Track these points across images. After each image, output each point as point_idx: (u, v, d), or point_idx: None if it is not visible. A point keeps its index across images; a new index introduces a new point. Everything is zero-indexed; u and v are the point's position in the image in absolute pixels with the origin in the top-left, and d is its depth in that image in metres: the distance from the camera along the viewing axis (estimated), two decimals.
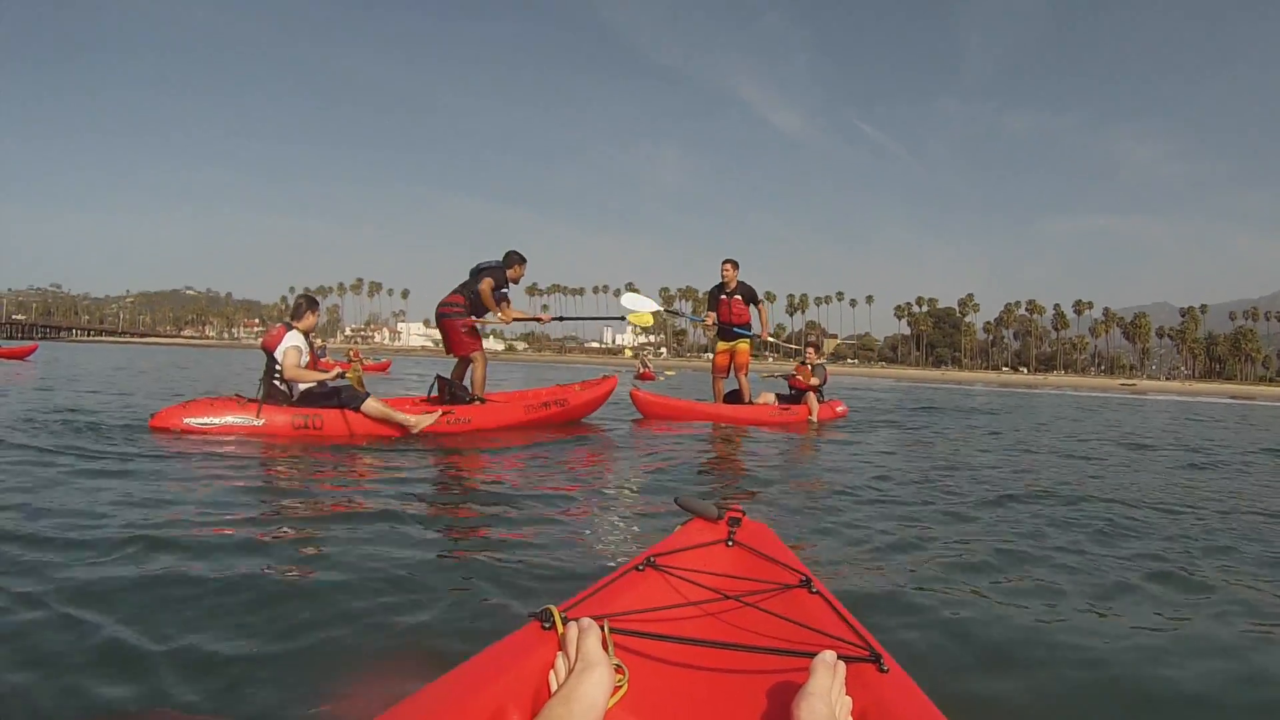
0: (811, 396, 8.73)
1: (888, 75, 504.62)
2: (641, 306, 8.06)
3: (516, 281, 7.13)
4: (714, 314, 8.54)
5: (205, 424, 5.57)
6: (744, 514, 1.83)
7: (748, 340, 8.56)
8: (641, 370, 26.53)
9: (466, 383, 6.79)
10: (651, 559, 1.55)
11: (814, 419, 8.58)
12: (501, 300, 6.99)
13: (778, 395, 9.06)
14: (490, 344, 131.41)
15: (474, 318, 6.90)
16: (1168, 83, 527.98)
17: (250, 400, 5.75)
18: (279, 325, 5.93)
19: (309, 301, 6.08)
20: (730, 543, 1.71)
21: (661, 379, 24.31)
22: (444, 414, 6.08)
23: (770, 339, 8.67)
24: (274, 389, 5.80)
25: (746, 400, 8.64)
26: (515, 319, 7.26)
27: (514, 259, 7.14)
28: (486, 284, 6.77)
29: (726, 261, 8.50)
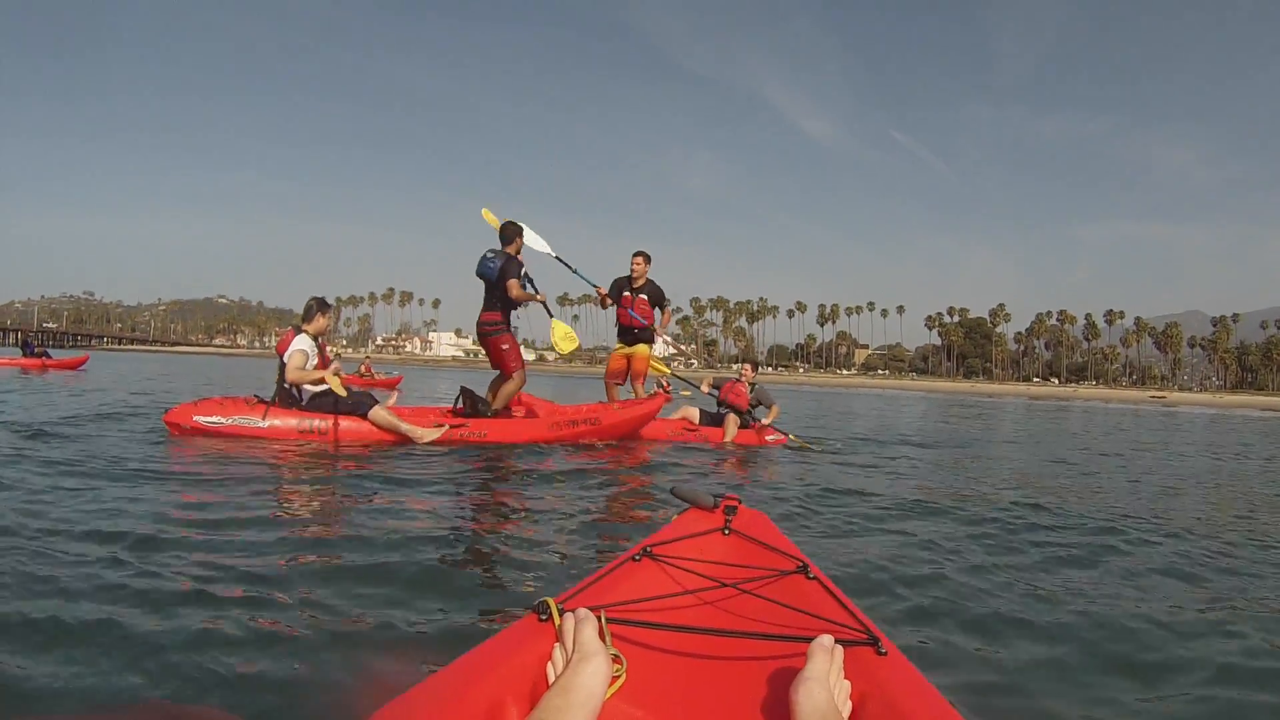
0: (731, 419, 7.63)
1: (919, 81, 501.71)
2: (537, 245, 7.15)
3: (519, 253, 6.55)
4: (605, 289, 7.48)
5: (213, 422, 5.76)
6: (740, 502, 1.81)
7: (648, 345, 7.61)
8: (657, 390, 25.49)
9: None
10: (648, 549, 1.54)
11: (728, 440, 7.45)
12: (528, 283, 6.49)
13: (703, 412, 7.95)
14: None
15: (509, 331, 6.57)
16: (1202, 86, 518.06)
17: (260, 402, 5.87)
18: (289, 329, 5.95)
19: (320, 304, 6.00)
20: (727, 531, 1.69)
21: (678, 397, 22.87)
22: (453, 427, 6.02)
23: (666, 340, 7.80)
24: (285, 393, 5.87)
25: None
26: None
27: (513, 233, 6.54)
28: (512, 287, 6.29)
29: (638, 254, 7.51)
